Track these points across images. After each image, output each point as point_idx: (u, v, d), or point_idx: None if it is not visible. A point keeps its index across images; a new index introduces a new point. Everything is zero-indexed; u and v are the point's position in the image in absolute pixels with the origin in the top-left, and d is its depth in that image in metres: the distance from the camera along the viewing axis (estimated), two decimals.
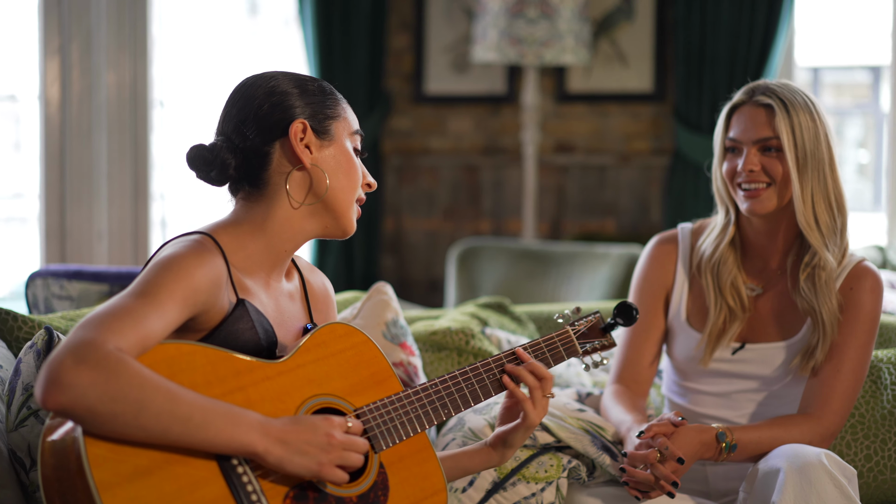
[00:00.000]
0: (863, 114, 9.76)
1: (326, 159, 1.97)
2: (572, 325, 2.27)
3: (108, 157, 5.36)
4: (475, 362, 2.11)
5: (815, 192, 2.51)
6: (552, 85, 5.73)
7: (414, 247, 5.92)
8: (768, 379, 2.61)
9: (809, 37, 5.88)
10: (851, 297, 2.54)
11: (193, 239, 1.89)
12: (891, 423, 2.65)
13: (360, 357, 2.00)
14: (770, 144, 2.52)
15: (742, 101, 2.58)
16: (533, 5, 5.11)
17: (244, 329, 1.89)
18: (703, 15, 5.33)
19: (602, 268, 4.78)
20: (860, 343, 2.52)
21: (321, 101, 1.99)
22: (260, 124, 1.95)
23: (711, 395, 2.66)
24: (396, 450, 1.97)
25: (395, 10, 5.88)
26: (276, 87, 1.98)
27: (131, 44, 5.36)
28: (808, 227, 2.51)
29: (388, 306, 2.78)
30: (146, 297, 1.73)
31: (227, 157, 1.94)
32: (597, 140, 5.74)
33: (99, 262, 5.34)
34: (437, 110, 5.85)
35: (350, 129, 2.02)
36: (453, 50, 5.80)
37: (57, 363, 1.60)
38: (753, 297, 2.64)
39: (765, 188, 2.54)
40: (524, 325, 3.21)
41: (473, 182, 5.87)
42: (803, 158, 2.50)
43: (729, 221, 2.64)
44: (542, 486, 2.47)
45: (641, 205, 5.69)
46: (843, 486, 2.23)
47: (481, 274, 5.05)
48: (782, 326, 2.61)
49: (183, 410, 1.66)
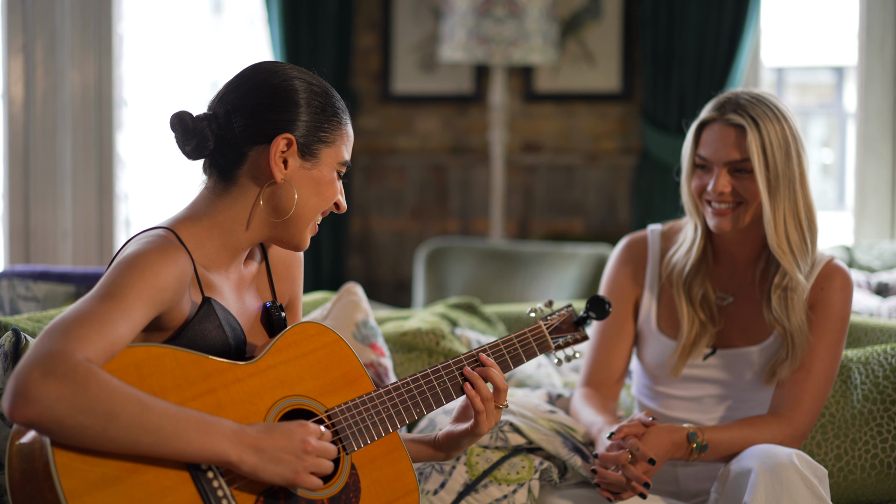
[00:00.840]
0: (826, 114, 9.84)
1: (301, 178, 1.93)
2: (545, 319, 2.26)
3: (73, 157, 5.30)
4: (447, 360, 2.09)
5: (787, 212, 2.48)
6: (520, 84, 5.73)
7: (381, 247, 5.91)
8: (738, 384, 2.62)
9: (773, 37, 5.90)
10: (822, 297, 2.54)
11: (157, 235, 1.85)
12: (861, 422, 2.66)
13: (332, 357, 1.98)
14: (741, 166, 2.48)
15: (712, 119, 2.53)
16: (500, 5, 5.11)
17: (211, 328, 1.87)
18: (670, 14, 5.34)
19: (570, 268, 4.78)
20: (830, 343, 2.52)
21: (320, 122, 1.94)
22: (250, 121, 1.91)
23: (682, 399, 2.66)
24: (368, 450, 1.96)
25: (361, 10, 5.85)
26: (286, 90, 1.92)
27: (96, 42, 5.30)
28: (779, 251, 2.49)
29: (358, 307, 2.77)
30: (111, 299, 1.70)
31: (208, 137, 1.91)
32: (564, 140, 5.74)
33: (64, 262, 5.28)
34: (405, 110, 5.84)
35: (339, 160, 1.97)
36: (420, 49, 5.79)
37: (24, 375, 1.58)
38: (724, 305, 2.64)
39: (734, 208, 2.51)
40: (494, 326, 3.20)
41: (441, 182, 5.85)
42: (775, 179, 2.46)
43: (697, 236, 2.61)
44: (513, 488, 2.46)
45: (609, 204, 5.69)
46: (814, 486, 2.24)
47: (449, 274, 5.04)
48: (752, 333, 2.62)
49: (153, 421, 1.63)
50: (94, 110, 5.34)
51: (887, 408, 2.64)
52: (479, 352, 2.11)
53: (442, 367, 2.06)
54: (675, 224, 2.74)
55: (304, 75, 1.97)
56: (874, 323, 2.97)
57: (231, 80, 1.96)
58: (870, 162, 5.34)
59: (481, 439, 2.48)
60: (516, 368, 2.44)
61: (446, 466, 2.47)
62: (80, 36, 5.26)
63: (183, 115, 1.91)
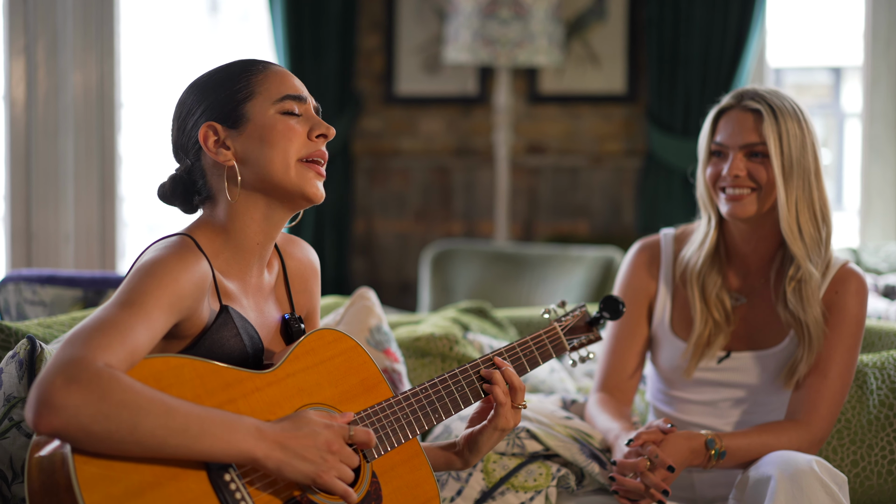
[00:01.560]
0: (824, 114, 9.85)
1: (247, 145, 1.89)
2: (559, 320, 2.24)
3: (75, 158, 5.28)
4: (464, 364, 2.08)
5: (800, 200, 2.50)
6: (524, 86, 5.71)
7: (385, 249, 5.89)
8: (753, 387, 2.60)
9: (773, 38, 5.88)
10: (836, 301, 2.53)
11: (176, 241, 1.85)
12: (877, 428, 2.64)
13: (350, 364, 1.96)
14: (757, 150, 2.50)
15: (730, 106, 2.56)
16: (506, 6, 5.09)
17: (229, 336, 1.85)
18: (675, 15, 5.33)
19: (577, 270, 4.76)
20: (846, 347, 2.51)
21: (226, 91, 1.91)
22: (182, 147, 1.94)
23: (697, 404, 2.65)
24: (388, 458, 1.95)
25: (365, 11, 5.84)
26: (183, 101, 1.95)
27: (98, 43, 5.28)
28: (791, 236, 2.50)
29: (371, 312, 2.75)
30: (132, 307, 1.69)
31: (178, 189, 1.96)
32: (569, 141, 5.72)
33: (66, 265, 5.26)
34: (408, 111, 5.82)
35: (273, 97, 1.91)
36: (424, 50, 5.77)
37: (47, 384, 1.56)
38: (738, 306, 2.63)
39: (748, 193, 2.52)
40: (505, 330, 3.19)
41: (445, 183, 5.84)
42: (789, 166, 2.48)
43: (711, 228, 2.61)
44: (531, 495, 2.45)
45: (614, 206, 5.68)
46: (834, 493, 2.23)
47: (455, 277, 5.02)
48: (766, 335, 2.60)
49: (178, 422, 1.62)
50: (95, 112, 5.32)
51: None
52: (495, 354, 2.09)
53: (459, 370, 2.04)
54: (688, 227, 2.74)
55: (198, 76, 1.97)
56: (888, 327, 2.96)
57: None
58: (875, 163, 5.33)
59: (498, 446, 2.46)
60: (531, 372, 2.43)
61: (463, 474, 2.46)
62: (82, 37, 5.23)
63: (161, 185, 1.97)
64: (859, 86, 5.53)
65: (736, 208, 2.52)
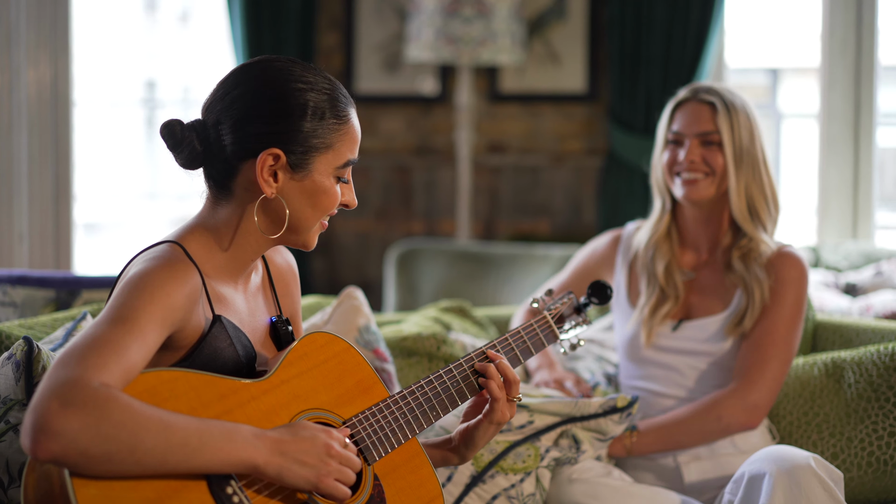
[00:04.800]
0: (761, 115, 9.97)
1: (293, 192, 1.86)
2: (549, 309, 2.25)
3: (29, 158, 5.20)
4: (458, 359, 2.07)
5: (750, 185, 2.73)
6: (485, 85, 5.71)
7: (345, 248, 5.86)
8: (710, 352, 2.73)
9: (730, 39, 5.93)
10: (777, 278, 2.70)
11: (164, 251, 1.80)
12: (856, 421, 2.68)
13: (344, 366, 1.95)
14: (711, 139, 2.74)
15: (686, 98, 2.80)
16: (468, 4, 5.08)
17: (223, 347, 1.83)
18: (637, 15, 5.35)
19: (543, 269, 4.77)
20: (788, 315, 2.67)
21: (316, 130, 1.84)
22: (236, 136, 1.83)
23: (664, 369, 2.77)
24: (389, 459, 1.93)
25: (324, 9, 5.80)
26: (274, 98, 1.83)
27: (52, 41, 5.20)
28: (742, 217, 2.73)
29: (359, 312, 2.73)
30: (124, 323, 1.65)
31: (196, 150, 1.85)
32: (530, 140, 5.73)
33: (20, 265, 5.17)
34: (368, 110, 5.79)
35: (337, 164, 1.88)
36: (384, 49, 5.75)
37: (42, 409, 1.51)
38: (687, 281, 2.81)
39: (702, 178, 2.73)
40: (486, 329, 3.19)
41: (405, 183, 5.82)
42: (739, 154, 2.71)
43: (664, 211, 2.84)
44: (520, 477, 2.46)
45: (575, 205, 5.70)
46: (831, 490, 2.26)
47: (420, 276, 5.01)
48: (716, 302, 2.77)
49: (178, 437, 1.59)
50: (50, 110, 5.24)
51: (882, 405, 2.66)
52: (488, 347, 2.08)
53: (454, 366, 2.03)
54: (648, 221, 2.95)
55: (298, 75, 1.86)
56: (865, 324, 3.00)
57: (221, 83, 1.88)
58: (832, 163, 5.39)
59: None
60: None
61: None
62: (35, 34, 5.15)
63: (172, 125, 1.85)
64: (797, 86, 5.59)
65: (691, 191, 2.74)
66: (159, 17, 6.08)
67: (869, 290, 4.37)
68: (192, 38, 5.87)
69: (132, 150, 7.33)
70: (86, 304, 2.91)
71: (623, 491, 2.46)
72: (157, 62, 6.05)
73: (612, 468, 2.54)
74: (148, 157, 7.41)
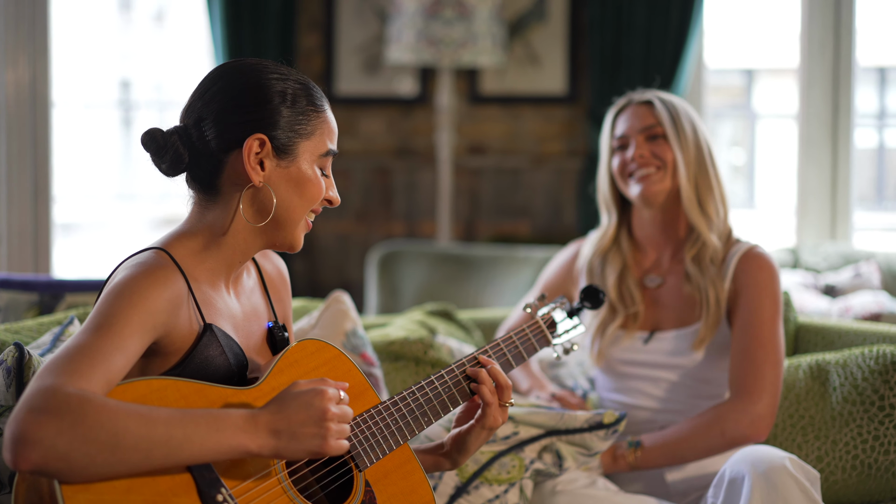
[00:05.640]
0: (736, 115, 10.00)
1: (280, 179, 1.86)
2: (541, 314, 2.26)
3: (7, 159, 5.17)
4: (450, 364, 2.06)
5: (699, 176, 2.72)
6: (465, 86, 5.71)
7: (325, 250, 5.85)
8: (681, 364, 2.70)
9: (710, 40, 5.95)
10: (745, 280, 2.67)
11: (147, 257, 1.80)
12: (840, 424, 2.69)
13: (335, 373, 1.93)
14: (655, 132, 2.74)
15: (624, 105, 2.82)
16: (449, 6, 5.07)
17: (215, 356, 1.82)
18: (617, 17, 5.36)
19: (524, 271, 4.77)
20: (769, 316, 2.63)
21: (289, 115, 1.86)
22: (220, 128, 1.84)
23: (642, 380, 2.75)
24: (381, 465, 1.93)
25: (304, 10, 5.79)
26: (253, 87, 1.85)
27: (30, 42, 5.17)
28: (692, 209, 2.71)
29: (346, 316, 2.73)
30: (102, 330, 1.65)
31: (181, 152, 1.85)
32: (510, 142, 5.73)
33: None
34: (348, 111, 5.78)
35: (319, 152, 1.90)
36: (364, 50, 5.74)
37: (17, 421, 1.51)
38: (655, 287, 2.78)
39: (655, 172, 2.72)
40: (471, 333, 3.19)
41: (385, 184, 5.81)
42: (685, 143, 2.71)
43: (611, 226, 2.83)
44: (505, 488, 2.45)
45: (555, 207, 5.70)
46: (807, 490, 2.27)
47: (402, 279, 5.00)
48: (684, 314, 2.73)
49: (160, 432, 1.58)
50: (28, 111, 5.21)
51: (867, 409, 2.68)
52: (480, 353, 2.08)
53: (445, 372, 2.03)
54: None
55: (272, 69, 1.89)
56: (847, 326, 3.01)
57: (198, 86, 1.90)
58: (811, 164, 5.42)
59: None
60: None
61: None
62: (14, 35, 5.12)
63: (153, 133, 1.86)
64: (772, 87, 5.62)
65: (646, 188, 2.72)
66: (134, 16, 6.04)
67: (848, 291, 4.41)
68: (167, 39, 5.84)
69: (107, 151, 7.29)
70: (70, 308, 2.89)
71: (607, 501, 2.46)
72: (132, 62, 6.02)
73: (597, 477, 2.53)
74: (123, 158, 7.38)
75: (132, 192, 7.48)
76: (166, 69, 6.82)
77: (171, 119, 7.11)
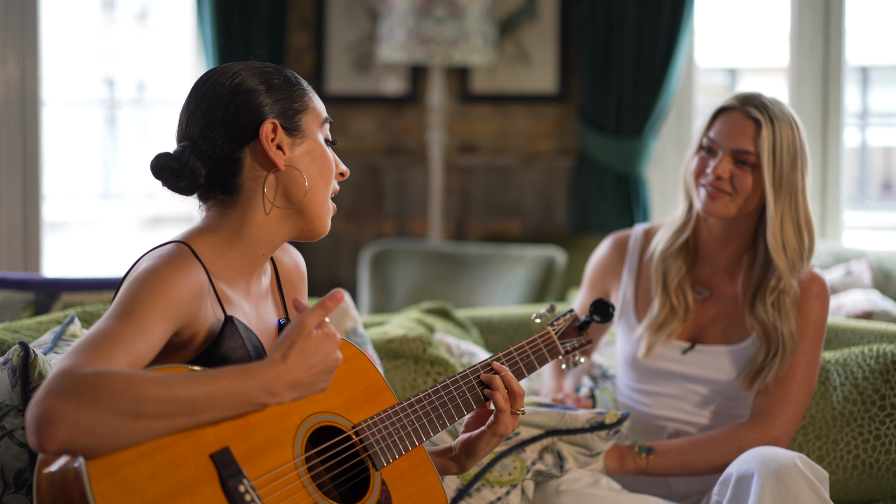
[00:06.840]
0: None
1: (300, 158, 1.88)
2: (552, 324, 2.26)
3: None
4: (464, 369, 2.07)
5: (786, 214, 2.54)
6: (456, 85, 5.71)
7: (316, 249, 5.84)
8: (720, 384, 2.65)
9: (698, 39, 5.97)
10: (800, 306, 2.58)
11: (170, 249, 1.81)
12: (841, 423, 2.70)
13: (354, 371, 1.95)
14: (746, 159, 2.55)
15: (732, 106, 2.59)
16: (441, 5, 5.07)
17: (236, 347, 1.83)
18: (608, 16, 5.37)
19: (517, 270, 4.77)
20: (810, 349, 2.57)
21: (288, 95, 1.90)
22: (228, 128, 1.85)
23: (667, 397, 2.70)
24: (397, 465, 1.94)
25: (295, 8, 5.78)
26: (241, 84, 1.87)
27: (19, 40, 5.14)
28: (776, 249, 2.55)
29: (346, 314, 2.73)
30: (125, 316, 1.66)
31: (197, 166, 1.85)
32: (501, 141, 5.74)
33: None
34: (339, 110, 5.78)
35: (319, 119, 1.93)
36: (355, 49, 5.74)
37: (38, 403, 1.52)
38: (700, 300, 2.69)
39: (725, 195, 2.57)
40: (468, 331, 3.19)
41: (376, 183, 5.81)
42: (779, 180, 2.53)
43: (689, 219, 2.68)
44: (506, 490, 2.45)
45: (546, 205, 5.71)
46: (818, 489, 2.27)
47: (394, 277, 5.00)
48: (730, 333, 2.66)
49: (182, 395, 1.60)
50: (18, 110, 5.18)
51: (867, 408, 2.68)
52: (494, 360, 2.10)
53: (460, 376, 2.04)
54: (659, 224, 2.81)
55: (250, 65, 1.92)
56: (845, 324, 3.02)
57: (186, 103, 1.91)
58: None
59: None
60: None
61: None
62: (3, 33, 5.09)
63: (164, 159, 1.86)
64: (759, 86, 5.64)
65: (710, 206, 2.57)
66: (117, 15, 6.02)
67: (839, 289, 4.42)
68: (150, 37, 5.83)
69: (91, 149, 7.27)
70: (66, 307, 2.88)
71: (611, 501, 2.45)
72: (116, 61, 6.00)
73: (601, 476, 2.51)
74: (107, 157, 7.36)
75: (117, 190, 7.46)
76: (149, 68, 6.81)
77: (154, 116, 7.10)
